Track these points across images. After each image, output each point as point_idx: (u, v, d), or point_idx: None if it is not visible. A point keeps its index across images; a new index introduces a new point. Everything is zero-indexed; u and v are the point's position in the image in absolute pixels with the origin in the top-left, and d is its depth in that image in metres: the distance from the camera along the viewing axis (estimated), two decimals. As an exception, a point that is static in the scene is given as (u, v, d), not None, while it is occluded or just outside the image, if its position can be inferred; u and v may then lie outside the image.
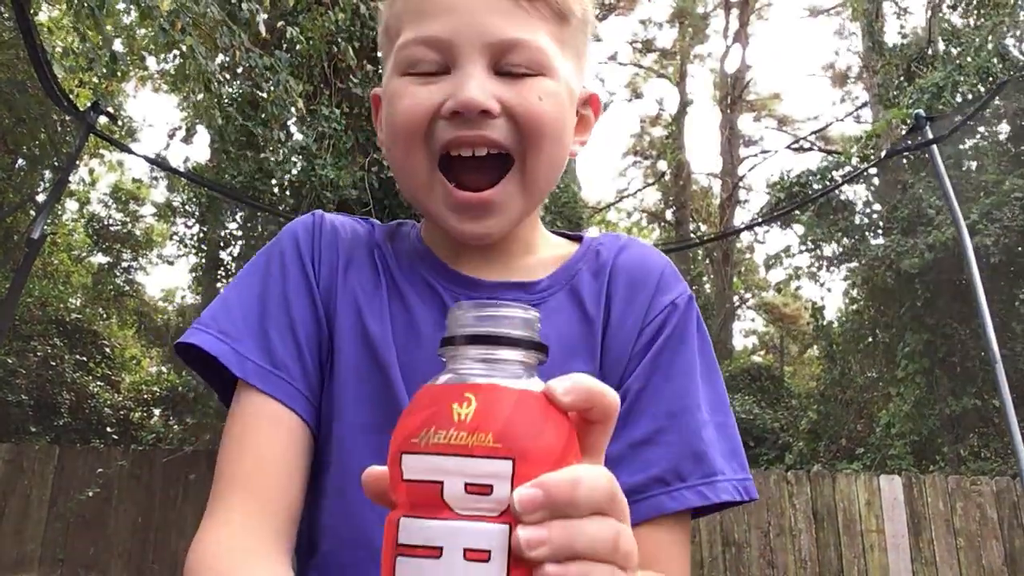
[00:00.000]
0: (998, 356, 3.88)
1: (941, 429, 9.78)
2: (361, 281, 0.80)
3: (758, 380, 13.22)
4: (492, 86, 0.72)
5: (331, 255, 0.81)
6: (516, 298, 0.76)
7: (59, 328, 10.38)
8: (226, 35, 5.36)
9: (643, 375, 0.75)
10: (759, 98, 20.83)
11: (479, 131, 0.71)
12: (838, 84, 20.18)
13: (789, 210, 10.97)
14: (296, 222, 0.84)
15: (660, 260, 0.83)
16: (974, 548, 5.79)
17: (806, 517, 6.00)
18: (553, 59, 0.74)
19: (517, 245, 0.82)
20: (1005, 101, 9.98)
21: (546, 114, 0.73)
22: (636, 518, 0.67)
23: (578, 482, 0.40)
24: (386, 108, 0.77)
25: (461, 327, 0.43)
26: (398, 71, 0.75)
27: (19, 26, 3.82)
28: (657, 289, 0.79)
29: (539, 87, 0.73)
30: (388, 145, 0.78)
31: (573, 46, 0.79)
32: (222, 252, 10.00)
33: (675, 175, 18.76)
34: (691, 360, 0.77)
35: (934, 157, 4.43)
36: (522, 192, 0.75)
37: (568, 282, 0.80)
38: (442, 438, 0.39)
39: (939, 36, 11.35)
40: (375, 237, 0.84)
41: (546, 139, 0.74)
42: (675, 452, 0.72)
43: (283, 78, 5.73)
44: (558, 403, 0.41)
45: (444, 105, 0.71)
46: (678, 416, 0.73)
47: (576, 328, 0.77)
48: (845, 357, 11.83)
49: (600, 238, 0.85)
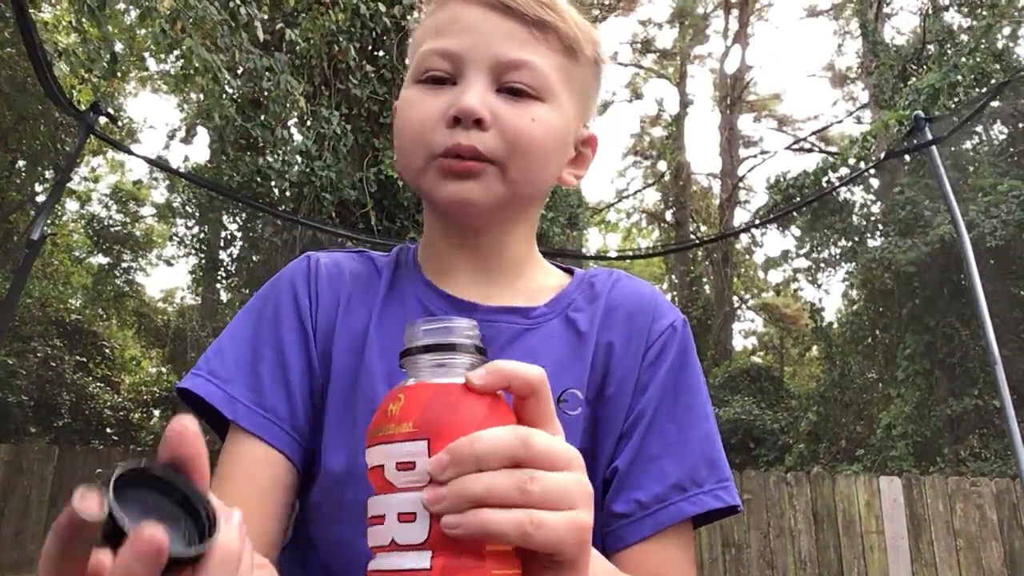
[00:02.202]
0: (998, 357, 3.88)
1: (941, 430, 9.79)
2: (360, 318, 0.83)
3: (758, 381, 13.21)
4: (491, 99, 0.77)
5: (328, 297, 0.85)
6: (513, 322, 0.82)
7: (59, 329, 10.38)
8: (226, 35, 5.36)
9: (655, 396, 0.80)
10: (759, 98, 20.85)
11: (471, 142, 0.76)
12: (838, 84, 20.20)
13: (786, 212, 10.98)
14: (291, 266, 0.88)
15: (652, 290, 0.90)
16: (974, 549, 5.79)
17: (806, 518, 6.00)
18: (555, 86, 0.80)
19: (511, 264, 0.86)
20: (1003, 103, 9.99)
21: (534, 136, 0.78)
22: (657, 526, 0.75)
23: (476, 440, 0.46)
24: (399, 114, 0.83)
25: (407, 341, 0.52)
26: (413, 78, 0.82)
27: (19, 25, 3.82)
28: (654, 316, 0.85)
29: (535, 110, 0.79)
30: (397, 145, 0.84)
31: (580, 84, 0.84)
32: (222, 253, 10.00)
33: (675, 175, 18.76)
34: (696, 378, 0.84)
35: (933, 158, 4.43)
36: (502, 183, 0.78)
37: (564, 311, 0.85)
38: (381, 432, 0.48)
39: (935, 37, 11.35)
40: (373, 270, 0.89)
41: (530, 159, 0.79)
42: (690, 461, 0.78)
43: (284, 78, 5.73)
44: (475, 387, 0.48)
45: (446, 113, 0.77)
46: (689, 429, 0.80)
47: (568, 350, 0.82)
48: (845, 358, 11.84)
49: (593, 271, 0.91)
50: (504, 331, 0.82)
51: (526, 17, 0.79)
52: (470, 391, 0.48)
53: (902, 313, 10.43)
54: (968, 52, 10.04)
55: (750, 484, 6.16)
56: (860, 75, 16.98)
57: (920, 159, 9.19)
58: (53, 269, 11.97)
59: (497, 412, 0.48)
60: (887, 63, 11.97)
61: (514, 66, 0.78)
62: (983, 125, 10.99)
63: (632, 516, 0.75)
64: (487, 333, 0.77)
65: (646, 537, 0.75)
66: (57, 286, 11.73)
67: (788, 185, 11.32)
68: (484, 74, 0.78)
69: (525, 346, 0.81)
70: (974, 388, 9.56)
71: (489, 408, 0.48)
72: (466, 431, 0.46)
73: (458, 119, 0.76)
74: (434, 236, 0.88)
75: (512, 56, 0.78)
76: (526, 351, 0.81)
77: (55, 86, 4.03)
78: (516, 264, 0.87)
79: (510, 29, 0.79)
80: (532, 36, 0.79)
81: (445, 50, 0.79)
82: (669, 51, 21.09)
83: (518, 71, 0.78)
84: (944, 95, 9.69)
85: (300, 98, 5.99)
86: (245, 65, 5.69)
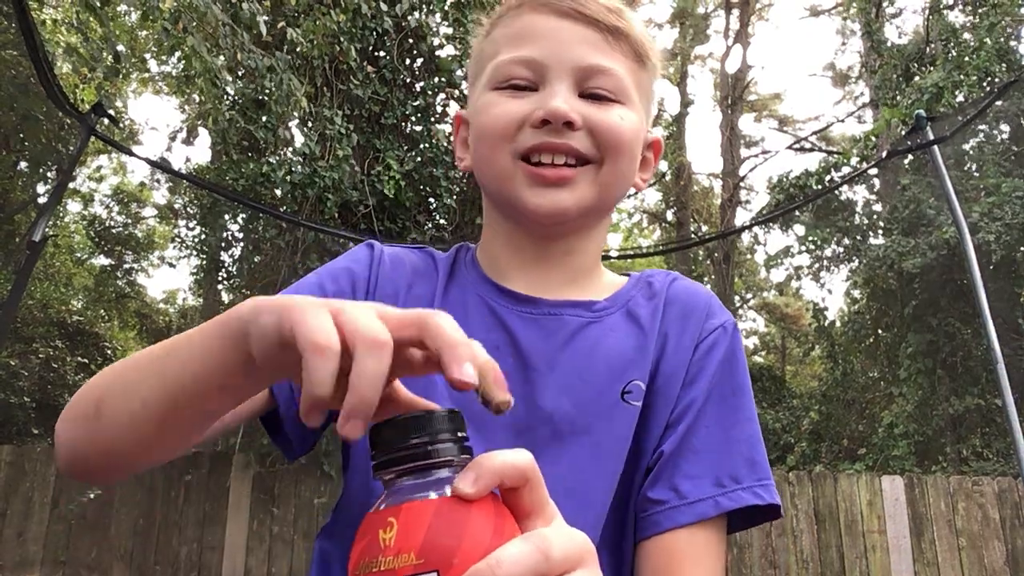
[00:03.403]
0: (1000, 356, 3.88)
1: (943, 429, 9.77)
2: (419, 304, 0.81)
3: (759, 380, 13.20)
4: (577, 103, 0.79)
5: (389, 285, 0.85)
6: (577, 315, 0.83)
7: (61, 330, 10.39)
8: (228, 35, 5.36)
9: (703, 390, 0.81)
10: (760, 98, 20.82)
11: (563, 139, 0.78)
12: (839, 84, 20.18)
13: (788, 211, 10.96)
14: (351, 253, 0.88)
15: (708, 292, 0.91)
16: (976, 548, 5.79)
17: (808, 517, 6.00)
18: (631, 91, 0.82)
19: (577, 264, 0.87)
20: (1008, 102, 9.97)
21: (625, 131, 0.81)
22: (694, 517, 0.75)
23: (498, 564, 0.41)
24: (476, 118, 0.84)
25: (382, 446, 0.45)
26: (491, 85, 0.82)
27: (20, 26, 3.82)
28: (707, 314, 0.86)
29: (619, 109, 0.81)
30: (476, 146, 0.84)
31: (646, 90, 0.86)
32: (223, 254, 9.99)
33: (676, 175, 18.75)
34: (743, 379, 0.85)
35: (935, 158, 4.42)
36: (594, 185, 0.80)
37: (624, 305, 0.86)
38: (374, 567, 0.41)
39: (937, 36, 11.34)
40: (432, 265, 0.89)
41: (623, 154, 0.81)
42: (732, 459, 0.79)
43: (286, 77, 5.73)
44: (469, 498, 0.43)
45: (533, 114, 0.78)
46: (734, 428, 0.81)
47: (632, 343, 0.83)
48: (847, 357, 11.83)
49: (649, 272, 0.92)
50: (569, 323, 0.82)
51: (601, 24, 0.81)
52: (468, 502, 0.43)
53: (904, 312, 10.41)
54: (972, 51, 10.02)
55: (752, 484, 6.16)
56: (862, 74, 16.97)
57: (923, 158, 9.18)
58: (55, 270, 11.97)
59: (502, 520, 0.44)
60: (890, 62, 11.95)
61: (596, 72, 0.80)
62: (986, 124, 10.98)
63: (668, 504, 0.76)
64: (551, 327, 0.82)
65: (681, 526, 0.75)
66: (59, 287, 11.73)
67: (790, 184, 11.31)
68: (567, 80, 0.79)
69: (589, 337, 0.82)
70: (976, 387, 9.55)
71: (495, 518, 0.43)
72: (478, 551, 0.41)
73: (547, 121, 0.78)
74: (502, 243, 0.87)
75: (592, 62, 0.80)
76: (591, 342, 0.81)
77: (57, 87, 4.03)
78: (586, 274, 0.88)
79: (587, 36, 0.81)
80: (607, 43, 0.81)
81: (526, 58, 0.80)
82: (670, 51, 21.08)
83: (599, 76, 0.80)
84: (947, 94, 9.68)
85: (303, 98, 5.99)
86: (247, 64, 5.69)
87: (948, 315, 9.85)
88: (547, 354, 0.80)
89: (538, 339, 0.81)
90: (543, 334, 0.81)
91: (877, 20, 13.32)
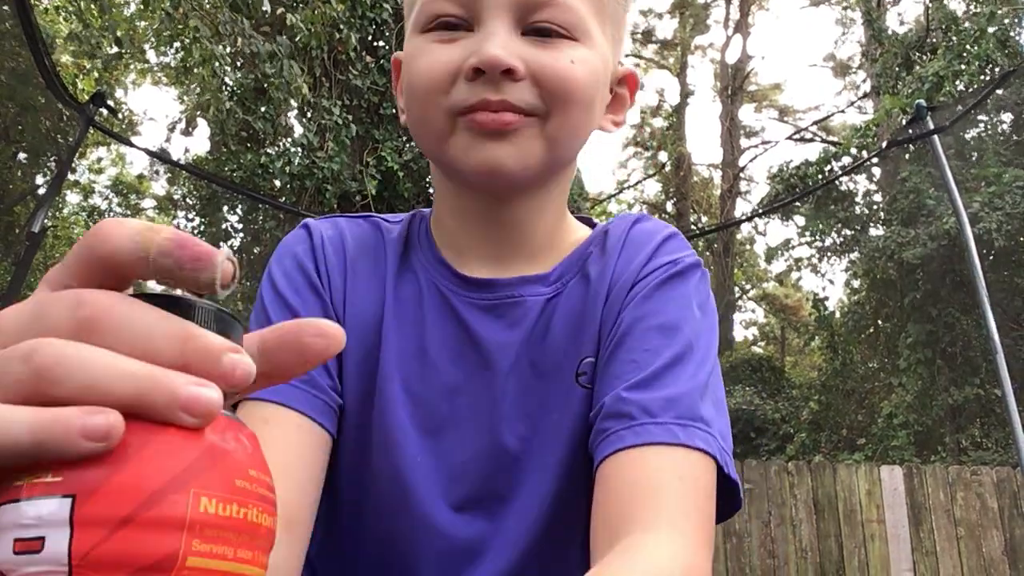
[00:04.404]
0: (999, 346, 3.88)
1: (943, 419, 9.80)
2: (370, 304, 0.74)
3: (759, 371, 13.22)
4: (518, 46, 0.65)
5: (336, 276, 0.75)
6: (535, 293, 0.73)
7: (61, 321, 10.38)
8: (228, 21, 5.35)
9: (626, 323, 0.69)
10: (760, 88, 20.77)
11: (501, 95, 0.65)
12: (840, 74, 20.13)
13: (789, 201, 10.96)
14: (289, 237, 0.78)
15: (669, 230, 0.78)
16: (974, 538, 5.81)
17: (807, 507, 6.02)
18: (588, 22, 0.68)
19: (535, 231, 0.75)
20: (1009, 90, 9.95)
21: (578, 79, 0.67)
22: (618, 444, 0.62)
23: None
24: (405, 68, 0.71)
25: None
26: (419, 28, 0.69)
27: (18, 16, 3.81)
28: (658, 249, 0.74)
29: (570, 51, 0.67)
30: (407, 106, 0.72)
31: (612, 16, 0.73)
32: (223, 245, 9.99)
33: (676, 166, 18.73)
34: (682, 321, 0.69)
35: (935, 148, 4.42)
36: (539, 139, 0.67)
37: (581, 267, 0.75)
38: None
39: (939, 24, 11.30)
40: (380, 241, 0.78)
41: (575, 105, 0.67)
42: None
43: (286, 63, 5.73)
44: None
45: (465, 64, 0.65)
46: (657, 354, 0.67)
47: (584, 311, 0.73)
48: (847, 347, 11.84)
49: (613, 219, 0.80)
50: (528, 306, 0.73)
51: None
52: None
53: (904, 302, 10.42)
54: (972, 40, 9.99)
55: (751, 474, 6.17)
56: (863, 64, 16.92)
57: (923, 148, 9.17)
58: (54, 262, 11.93)
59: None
60: (891, 50, 11.91)
61: (539, 3, 0.66)
62: (987, 114, 10.96)
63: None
64: (511, 314, 0.73)
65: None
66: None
67: (791, 174, 11.30)
68: (506, 14, 0.66)
69: (549, 316, 0.73)
70: (976, 377, 9.57)
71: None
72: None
73: (481, 71, 0.64)
74: (449, 208, 0.77)
75: None
76: (549, 323, 0.73)
77: (55, 77, 4.02)
78: (548, 238, 0.76)
79: None
80: None
81: None
82: (670, 41, 21.01)
83: (545, 7, 0.66)
84: (948, 83, 9.65)
85: (303, 84, 5.97)
86: (248, 49, 5.68)
87: (948, 305, 9.86)
88: (508, 348, 0.72)
89: (498, 330, 0.72)
90: (502, 324, 0.72)
91: (878, 8, 13.28)
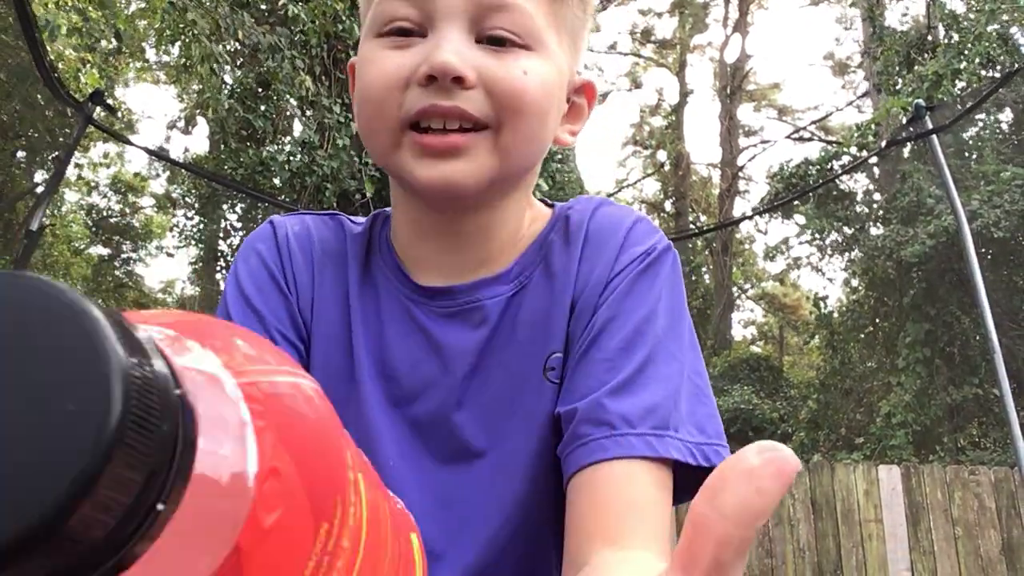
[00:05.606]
0: (997, 346, 3.89)
1: (941, 419, 9.81)
2: (337, 299, 0.74)
3: (757, 370, 13.24)
4: (471, 54, 0.65)
5: (303, 276, 0.74)
6: (493, 295, 0.72)
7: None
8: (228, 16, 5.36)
9: (602, 320, 0.68)
10: (759, 88, 20.77)
11: (453, 102, 0.64)
12: (839, 73, 20.13)
13: (788, 200, 10.96)
14: (254, 236, 0.76)
15: (635, 215, 0.75)
16: (972, 538, 5.81)
17: (804, 507, 6.02)
18: (543, 31, 0.67)
19: (496, 238, 0.74)
20: (1008, 89, 9.95)
21: (529, 90, 0.66)
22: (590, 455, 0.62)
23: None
24: (358, 74, 0.70)
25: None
26: (372, 31, 0.68)
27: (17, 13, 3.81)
28: (627, 240, 0.72)
29: (524, 61, 0.66)
30: (358, 112, 0.71)
31: (569, 25, 0.71)
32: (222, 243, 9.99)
33: (675, 165, 18.73)
34: (662, 286, 0.70)
35: (934, 147, 4.42)
36: (493, 154, 0.66)
37: (543, 259, 0.73)
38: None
39: (939, 22, 11.30)
40: (343, 244, 0.77)
41: (525, 116, 0.66)
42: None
43: (288, 55, 5.72)
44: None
45: (418, 70, 0.64)
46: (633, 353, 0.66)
47: (548, 305, 0.71)
48: (845, 347, 11.85)
49: (571, 202, 0.78)
50: (488, 310, 0.71)
51: None
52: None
53: (903, 301, 10.43)
54: (973, 39, 9.99)
55: (750, 473, 6.19)
56: (863, 62, 16.93)
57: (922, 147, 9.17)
58: (53, 260, 11.96)
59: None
60: (893, 48, 11.91)
61: (493, 8, 0.65)
62: (986, 112, 10.96)
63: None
64: (472, 319, 0.71)
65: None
66: (57, 277, 11.71)
67: (790, 174, 11.31)
68: (460, 22, 0.65)
69: (511, 317, 0.71)
70: (974, 377, 9.58)
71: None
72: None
73: (433, 78, 0.63)
74: (405, 219, 0.75)
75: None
76: (512, 323, 0.71)
77: (54, 75, 4.02)
78: (510, 239, 0.74)
79: None
80: None
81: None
82: (669, 40, 21.01)
83: (499, 14, 0.65)
84: (948, 81, 9.65)
85: (306, 77, 5.95)
86: (249, 41, 5.68)
87: (947, 304, 9.87)
88: (469, 352, 0.71)
89: (460, 337, 0.71)
90: (464, 329, 0.71)
91: (879, 5, 13.28)
